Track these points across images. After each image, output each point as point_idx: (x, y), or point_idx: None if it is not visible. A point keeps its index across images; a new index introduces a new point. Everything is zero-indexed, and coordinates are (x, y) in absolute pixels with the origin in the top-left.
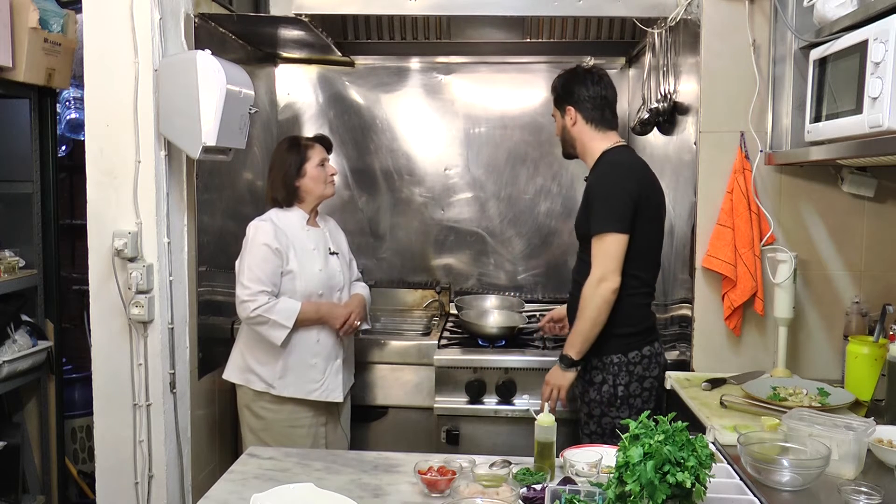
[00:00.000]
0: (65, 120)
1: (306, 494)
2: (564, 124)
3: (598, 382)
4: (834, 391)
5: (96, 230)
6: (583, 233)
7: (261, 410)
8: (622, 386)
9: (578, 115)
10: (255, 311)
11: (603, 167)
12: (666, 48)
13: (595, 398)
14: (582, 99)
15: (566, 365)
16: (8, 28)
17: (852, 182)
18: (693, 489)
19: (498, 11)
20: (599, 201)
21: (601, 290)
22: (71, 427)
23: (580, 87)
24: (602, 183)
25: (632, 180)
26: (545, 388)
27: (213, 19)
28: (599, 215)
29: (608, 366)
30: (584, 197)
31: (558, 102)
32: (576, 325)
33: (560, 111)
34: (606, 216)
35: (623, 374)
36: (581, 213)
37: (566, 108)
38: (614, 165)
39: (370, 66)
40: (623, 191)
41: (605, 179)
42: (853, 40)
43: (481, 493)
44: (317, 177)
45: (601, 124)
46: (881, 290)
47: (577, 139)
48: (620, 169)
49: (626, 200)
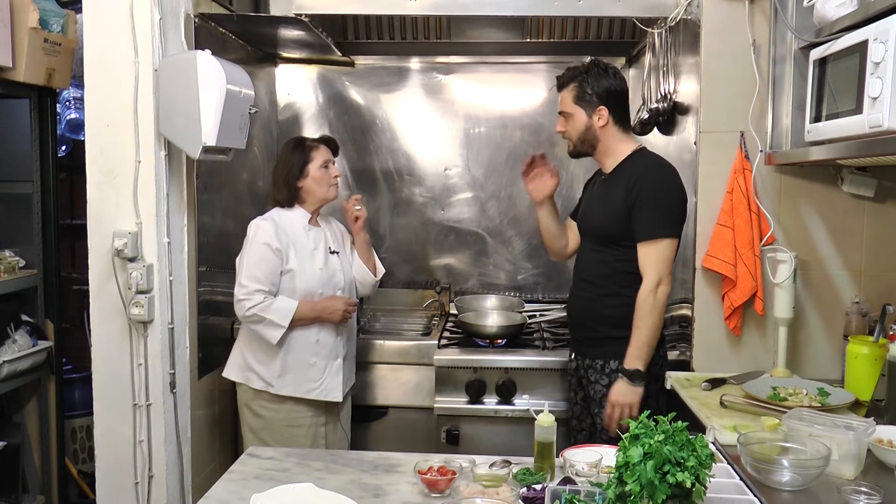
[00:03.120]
0: (65, 120)
1: (306, 494)
2: (591, 124)
3: None
4: (834, 391)
5: (96, 230)
6: (612, 233)
7: (260, 409)
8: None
9: (610, 117)
10: (251, 309)
11: (650, 170)
12: (666, 48)
13: None
14: (612, 99)
15: (635, 379)
16: (8, 28)
17: (852, 182)
18: (693, 489)
19: (498, 11)
20: (653, 205)
21: (659, 295)
22: (71, 427)
23: (610, 85)
24: (656, 186)
25: (681, 184)
26: (613, 411)
27: (213, 19)
28: (654, 220)
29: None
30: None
31: (585, 100)
32: (637, 336)
33: (586, 110)
34: (662, 221)
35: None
36: (609, 213)
37: (598, 107)
38: (661, 168)
39: (370, 66)
40: (677, 195)
41: (659, 183)
42: (853, 40)
43: (481, 493)
44: (319, 178)
45: (626, 125)
46: (881, 290)
47: (601, 140)
48: (670, 172)
49: (680, 205)
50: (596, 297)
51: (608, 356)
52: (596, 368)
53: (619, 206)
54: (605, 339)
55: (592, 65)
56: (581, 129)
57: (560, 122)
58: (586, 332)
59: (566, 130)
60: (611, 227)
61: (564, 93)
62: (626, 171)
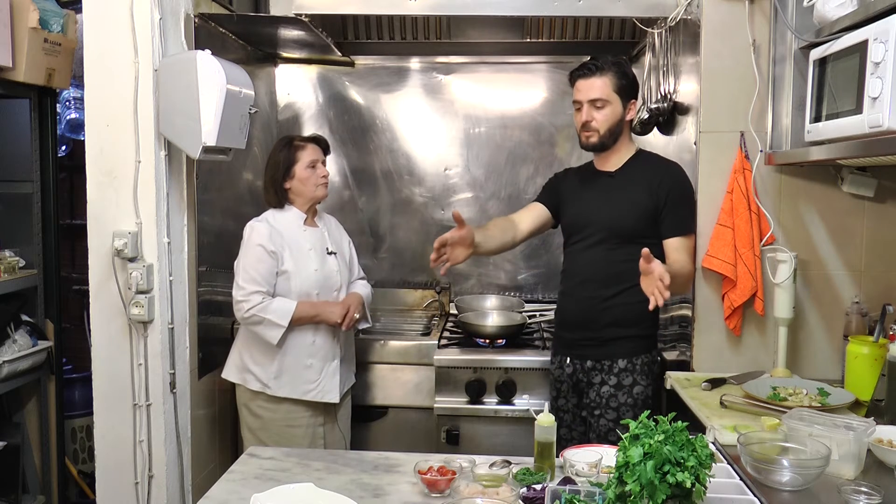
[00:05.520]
0: (65, 120)
1: (306, 494)
2: (623, 116)
3: (629, 385)
4: (834, 391)
5: (96, 230)
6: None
7: (258, 409)
8: (652, 386)
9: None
10: (250, 311)
11: (672, 169)
12: (666, 48)
13: (626, 402)
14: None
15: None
16: (8, 28)
17: (852, 182)
18: (693, 489)
19: (498, 11)
20: (685, 202)
21: (690, 284)
22: (71, 427)
23: (636, 82)
24: (684, 184)
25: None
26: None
27: (213, 19)
28: (689, 216)
29: (638, 366)
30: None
31: (625, 91)
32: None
33: (623, 100)
34: (693, 217)
35: (650, 374)
36: (631, 211)
37: (632, 100)
38: (678, 167)
39: (370, 66)
40: (693, 192)
41: (685, 181)
42: (853, 40)
43: (481, 493)
44: (306, 178)
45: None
46: (881, 290)
47: (621, 135)
48: (684, 170)
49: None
50: (605, 297)
51: (616, 356)
52: (602, 369)
53: (643, 204)
54: (613, 339)
55: (621, 56)
56: (615, 119)
57: (587, 111)
58: (590, 334)
59: (595, 119)
60: (633, 224)
61: (602, 79)
62: (641, 171)
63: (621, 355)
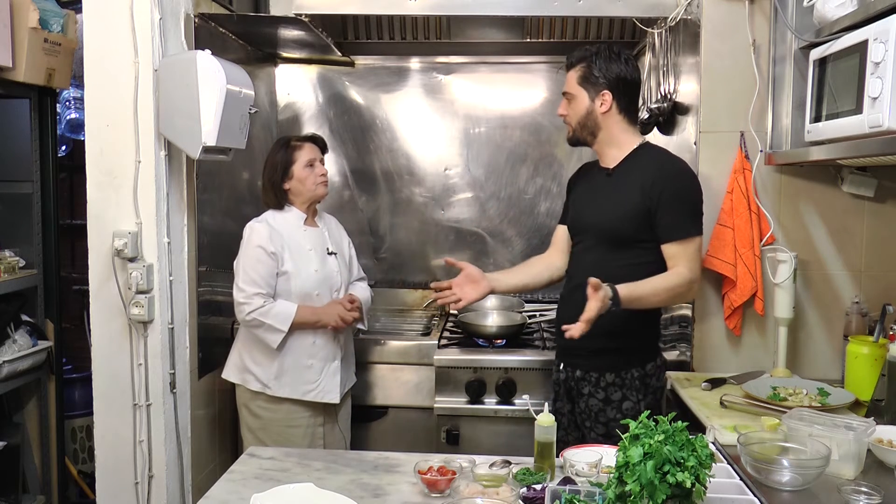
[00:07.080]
0: (65, 120)
1: (306, 494)
2: (593, 108)
3: (617, 400)
4: (834, 391)
5: (96, 230)
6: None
7: (258, 409)
8: (643, 401)
9: (614, 103)
10: (251, 314)
11: (667, 169)
12: (666, 48)
13: (615, 417)
14: (620, 85)
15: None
16: (8, 28)
17: (852, 182)
18: (693, 489)
19: (498, 11)
20: (682, 203)
21: (691, 292)
22: (71, 427)
23: (620, 71)
24: (679, 186)
25: (696, 176)
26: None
27: (213, 19)
28: (688, 218)
29: (628, 381)
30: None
31: (590, 82)
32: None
33: (590, 93)
34: (693, 219)
35: (643, 388)
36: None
37: (602, 92)
38: (676, 164)
39: (370, 66)
40: (699, 192)
41: (681, 181)
42: (853, 40)
43: (481, 493)
44: (304, 178)
45: (632, 116)
46: (881, 290)
47: (602, 128)
48: (684, 168)
49: (701, 199)
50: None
51: (603, 369)
52: (590, 381)
53: (635, 206)
54: (599, 351)
55: (605, 47)
56: (582, 112)
57: (562, 105)
58: (578, 342)
59: (567, 114)
60: (624, 228)
61: (571, 73)
62: (636, 169)
63: (608, 369)
